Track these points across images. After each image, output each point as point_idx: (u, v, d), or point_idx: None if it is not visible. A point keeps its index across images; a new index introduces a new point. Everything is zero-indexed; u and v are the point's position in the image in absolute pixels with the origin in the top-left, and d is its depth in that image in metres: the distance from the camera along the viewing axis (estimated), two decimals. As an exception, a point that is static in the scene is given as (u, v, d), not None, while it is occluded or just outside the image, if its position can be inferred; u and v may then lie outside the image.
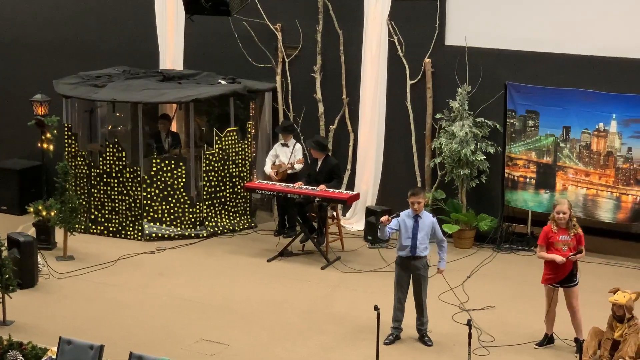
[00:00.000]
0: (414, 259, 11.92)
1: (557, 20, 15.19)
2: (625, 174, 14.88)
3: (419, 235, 11.88)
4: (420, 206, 11.93)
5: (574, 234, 11.57)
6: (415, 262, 11.93)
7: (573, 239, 11.56)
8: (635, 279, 14.36)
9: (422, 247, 11.91)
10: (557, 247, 11.59)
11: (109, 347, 10.12)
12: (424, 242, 11.92)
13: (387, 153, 16.70)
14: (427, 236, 11.96)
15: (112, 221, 16.40)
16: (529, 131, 15.52)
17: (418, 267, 11.95)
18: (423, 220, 11.93)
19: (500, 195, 15.89)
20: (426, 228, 11.92)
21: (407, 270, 12.00)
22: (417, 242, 11.88)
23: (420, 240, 11.89)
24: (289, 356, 11.78)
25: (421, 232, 11.89)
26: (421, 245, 11.91)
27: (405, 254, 11.94)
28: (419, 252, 11.90)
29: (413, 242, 11.88)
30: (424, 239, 11.93)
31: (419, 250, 11.90)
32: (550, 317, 11.93)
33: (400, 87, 16.42)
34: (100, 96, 16.49)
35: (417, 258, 11.93)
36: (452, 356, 11.71)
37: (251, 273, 14.72)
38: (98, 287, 14.06)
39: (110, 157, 16.23)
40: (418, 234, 11.87)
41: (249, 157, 16.94)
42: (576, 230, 11.58)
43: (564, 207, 11.61)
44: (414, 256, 11.92)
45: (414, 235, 11.87)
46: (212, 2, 14.96)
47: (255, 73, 17.41)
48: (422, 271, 12.00)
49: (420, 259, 11.94)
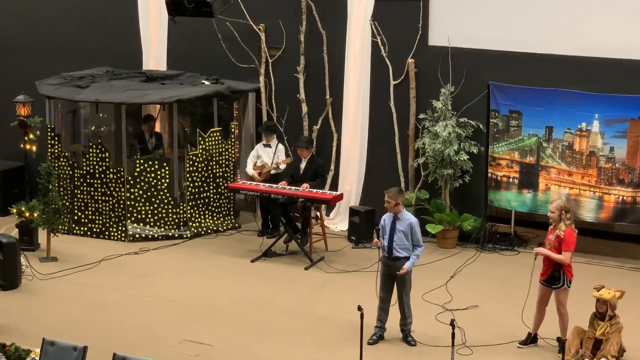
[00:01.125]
0: (394, 260, 11.88)
1: (540, 20, 15.23)
2: (607, 174, 14.94)
3: (395, 237, 11.78)
4: (390, 205, 11.82)
5: (557, 236, 11.60)
6: (395, 262, 11.89)
7: (556, 240, 11.60)
8: (618, 278, 14.41)
9: (399, 248, 11.81)
10: (545, 246, 11.68)
11: (92, 349, 10.09)
12: (401, 243, 11.81)
13: (370, 153, 16.72)
14: (407, 238, 11.83)
15: (96, 222, 16.37)
16: (512, 131, 15.56)
17: (397, 268, 11.89)
18: (401, 222, 11.83)
19: (484, 195, 15.93)
20: (404, 229, 11.80)
21: (389, 269, 11.99)
22: (394, 243, 11.80)
23: (397, 241, 11.79)
24: (273, 356, 11.79)
25: (398, 234, 11.78)
26: (398, 246, 11.80)
27: (385, 254, 11.94)
28: (396, 253, 11.82)
29: (389, 242, 11.81)
30: (402, 240, 11.81)
31: (395, 251, 11.81)
32: (537, 317, 11.95)
33: (384, 88, 16.44)
34: (84, 97, 16.45)
35: (397, 259, 11.86)
36: (435, 356, 11.73)
37: (235, 273, 14.72)
38: (81, 288, 14.03)
39: (94, 158, 16.20)
40: (395, 234, 11.78)
41: (232, 157, 16.93)
42: (559, 232, 11.60)
43: (552, 206, 11.73)
44: (392, 257, 11.89)
45: (391, 235, 11.81)
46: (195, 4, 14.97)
47: (239, 73, 17.41)
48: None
49: (400, 260, 11.85)
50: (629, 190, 14.82)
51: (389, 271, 11.98)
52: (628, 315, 11.99)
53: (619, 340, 11.28)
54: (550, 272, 11.64)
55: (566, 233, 11.55)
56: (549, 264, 11.64)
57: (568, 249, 11.55)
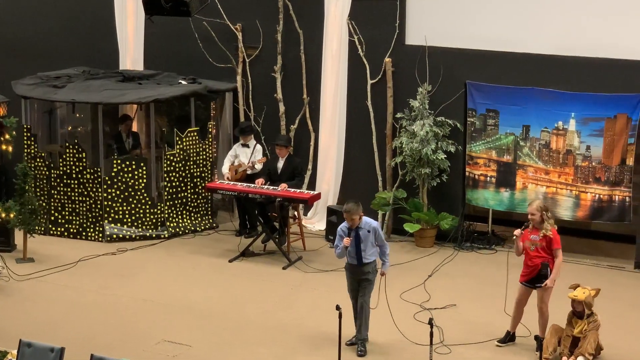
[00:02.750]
0: (364, 265, 11.75)
1: (517, 19, 15.28)
2: (584, 172, 15.00)
3: (362, 245, 11.66)
4: (355, 222, 11.65)
5: (544, 235, 11.63)
6: (362, 267, 11.76)
7: (542, 240, 11.62)
8: (594, 275, 14.49)
9: (367, 255, 11.70)
10: (526, 246, 11.69)
11: (69, 350, 10.05)
12: (368, 250, 11.70)
13: (348, 152, 16.73)
14: (372, 243, 11.72)
15: (73, 222, 16.31)
16: (489, 130, 15.60)
17: (365, 272, 11.76)
18: (363, 231, 11.68)
19: (461, 194, 15.96)
20: (368, 237, 11.68)
21: (355, 275, 11.83)
22: (361, 253, 11.68)
23: (365, 249, 11.68)
24: (251, 356, 11.78)
25: (363, 243, 11.67)
26: (366, 253, 11.69)
27: (352, 261, 11.80)
28: (364, 261, 11.71)
29: (357, 254, 11.68)
30: (368, 247, 11.69)
31: (364, 259, 11.70)
32: (516, 316, 12.00)
33: (361, 87, 16.45)
34: (60, 97, 16.39)
35: (365, 264, 11.75)
36: (413, 354, 11.75)
37: (213, 273, 14.70)
38: (58, 289, 13.98)
39: (70, 158, 16.14)
40: (361, 244, 11.67)
41: (209, 157, 16.91)
42: (545, 232, 11.62)
43: (531, 208, 11.72)
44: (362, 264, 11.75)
45: (357, 246, 11.66)
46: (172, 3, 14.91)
47: (216, 73, 17.38)
48: (370, 275, 11.79)
49: (369, 264, 11.76)
50: (605, 188, 14.88)
51: (357, 276, 11.81)
52: (605, 313, 12.05)
53: (596, 338, 11.34)
54: (538, 271, 11.66)
55: (553, 232, 11.62)
56: (535, 263, 11.65)
57: (559, 246, 11.65)
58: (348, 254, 11.71)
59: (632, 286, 14.22)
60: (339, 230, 11.82)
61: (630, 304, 13.46)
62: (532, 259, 11.68)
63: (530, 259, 11.70)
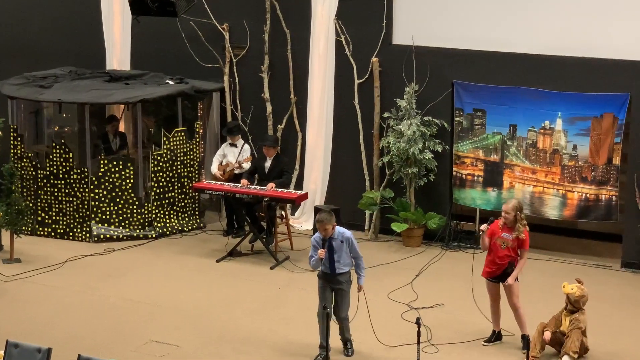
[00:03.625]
0: (337, 275, 11.64)
1: (504, 19, 15.30)
2: (571, 172, 15.04)
3: (335, 256, 11.56)
4: (328, 232, 11.52)
5: (516, 236, 11.64)
6: (337, 277, 11.65)
7: (515, 240, 11.64)
8: (581, 275, 14.44)
9: (340, 265, 11.59)
10: (496, 242, 11.68)
11: (57, 350, 10.03)
12: (343, 260, 11.60)
13: (335, 152, 16.73)
14: (346, 253, 11.60)
15: (60, 223, 16.27)
16: (476, 129, 15.63)
17: (340, 282, 11.65)
18: (337, 241, 11.57)
19: (449, 194, 15.99)
20: (342, 247, 11.58)
21: (329, 283, 11.70)
22: (335, 263, 11.58)
23: (339, 259, 11.58)
24: (239, 356, 11.77)
25: (337, 253, 11.56)
26: (340, 264, 11.59)
27: (325, 270, 11.66)
28: (338, 271, 11.60)
29: (330, 263, 11.58)
30: (342, 257, 11.58)
31: (338, 269, 11.59)
32: (494, 313, 12.02)
33: (348, 86, 16.46)
34: (47, 97, 16.36)
35: (339, 274, 11.63)
36: (401, 354, 11.76)
37: (200, 273, 14.69)
38: (45, 290, 13.95)
39: (57, 159, 16.11)
40: (334, 255, 11.57)
41: (197, 157, 16.90)
42: (519, 234, 11.63)
43: (507, 207, 11.70)
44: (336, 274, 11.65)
45: (330, 257, 11.55)
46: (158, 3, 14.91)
47: (203, 73, 17.37)
48: (344, 286, 11.66)
49: (343, 275, 11.64)
50: (591, 187, 14.92)
51: (332, 285, 11.67)
52: (592, 312, 12.08)
53: (579, 337, 11.34)
54: (504, 269, 11.68)
55: (525, 233, 11.64)
56: (503, 262, 11.66)
57: (527, 248, 11.68)
58: (322, 263, 11.61)
59: (619, 285, 14.26)
60: (313, 240, 11.70)
61: (617, 303, 13.50)
62: (501, 258, 11.67)
63: (499, 258, 11.68)
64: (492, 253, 11.75)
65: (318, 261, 11.53)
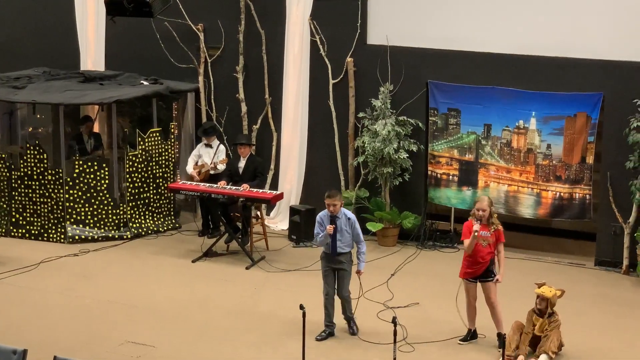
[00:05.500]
0: (338, 255, 12.00)
1: (477, 19, 15.36)
2: (545, 171, 15.12)
3: (338, 235, 11.93)
4: (336, 208, 11.93)
5: (494, 230, 11.71)
6: (338, 257, 12.01)
7: (493, 235, 11.69)
8: (555, 273, 14.60)
9: (342, 245, 11.97)
10: (478, 242, 11.71)
11: (32, 352, 9.98)
12: (344, 240, 11.98)
13: (310, 152, 16.76)
14: (348, 234, 11.99)
15: (34, 224, 16.21)
16: (451, 129, 15.68)
17: (341, 262, 12.02)
18: (341, 220, 11.96)
19: (424, 193, 16.04)
20: (345, 227, 11.95)
21: (331, 263, 12.06)
22: (337, 242, 11.95)
23: (341, 239, 11.95)
24: (216, 356, 11.76)
25: (340, 232, 11.94)
26: (341, 243, 11.97)
27: (326, 249, 12.05)
28: (339, 250, 11.98)
29: (332, 242, 11.94)
30: (344, 237, 11.97)
31: (339, 248, 11.97)
32: (471, 312, 12.07)
33: (323, 87, 16.48)
34: (20, 98, 16.30)
35: (340, 254, 12.00)
36: (377, 353, 11.78)
37: (176, 274, 14.67)
38: (20, 291, 13.89)
39: (32, 160, 16.05)
40: (337, 234, 11.93)
41: (172, 157, 16.88)
42: (496, 227, 11.70)
43: (483, 205, 11.72)
44: (336, 254, 12.00)
45: (333, 236, 11.92)
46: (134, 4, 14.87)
47: (178, 74, 17.36)
48: (345, 265, 12.03)
49: (344, 255, 12.02)
50: (565, 186, 15.01)
51: (332, 266, 12.06)
52: (566, 310, 12.15)
53: (559, 337, 11.42)
54: (486, 268, 11.73)
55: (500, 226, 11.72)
56: (486, 260, 11.71)
57: (503, 240, 11.74)
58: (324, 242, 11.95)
59: (593, 283, 14.34)
60: (318, 217, 12.08)
61: (590, 301, 13.58)
62: (484, 256, 11.70)
63: (482, 256, 11.71)
64: (474, 254, 11.73)
65: (326, 236, 11.87)
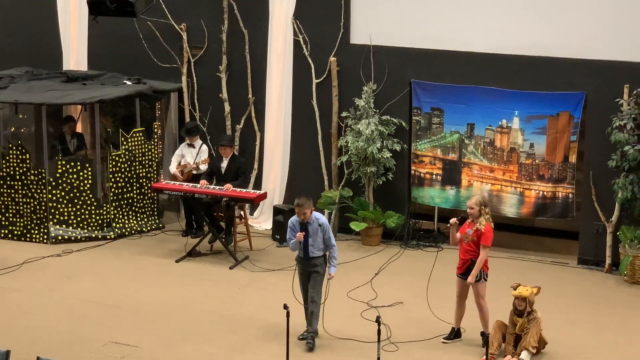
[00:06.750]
0: (312, 259, 11.92)
1: (460, 18, 15.38)
2: (528, 170, 15.16)
3: (310, 240, 11.85)
4: (306, 216, 11.83)
5: (476, 229, 11.74)
6: (312, 261, 11.93)
7: (475, 234, 11.73)
8: (538, 272, 14.64)
9: (314, 249, 11.88)
10: (461, 239, 11.78)
11: (15, 353, 9.98)
12: (317, 244, 11.88)
13: (293, 152, 16.75)
14: (320, 238, 11.88)
15: (17, 224, 16.16)
16: (434, 128, 15.71)
17: (315, 265, 11.94)
18: (312, 226, 11.85)
19: (407, 192, 16.06)
20: (317, 232, 11.85)
21: (305, 267, 12.02)
22: (309, 247, 11.86)
23: (312, 243, 11.86)
24: (200, 356, 11.76)
25: (311, 237, 11.85)
26: (313, 248, 11.87)
27: (300, 254, 11.99)
28: (311, 254, 11.89)
29: (304, 247, 11.86)
30: (316, 242, 11.86)
31: (311, 252, 11.88)
32: (458, 310, 12.09)
33: (306, 86, 16.48)
34: (3, 98, 16.25)
35: (313, 258, 11.92)
36: (361, 352, 11.80)
37: (160, 274, 14.65)
38: (3, 292, 13.85)
39: (14, 160, 15.99)
40: (309, 239, 11.85)
41: (155, 157, 16.85)
42: (479, 226, 11.73)
43: (471, 202, 11.81)
44: (309, 258, 11.92)
45: (305, 241, 11.83)
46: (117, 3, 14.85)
47: (161, 73, 17.33)
48: (318, 269, 11.95)
49: (317, 258, 11.93)
50: (548, 185, 15.05)
51: (307, 269, 12.01)
52: (550, 308, 12.21)
53: (538, 332, 11.46)
54: (467, 265, 11.77)
55: (486, 228, 11.70)
56: (466, 258, 11.76)
57: (486, 244, 11.70)
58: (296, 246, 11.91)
59: (576, 281, 14.39)
60: (290, 223, 12.02)
61: (573, 299, 13.62)
62: (464, 253, 11.80)
63: (463, 253, 11.82)
64: (460, 249, 11.87)
65: (297, 243, 11.83)
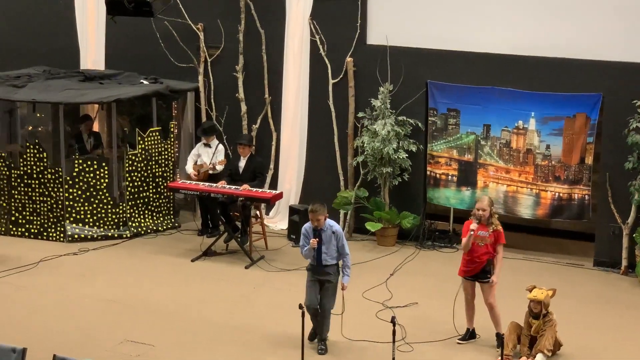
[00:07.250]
0: (323, 267, 11.77)
1: (476, 19, 15.35)
2: (544, 171, 15.13)
3: (323, 248, 11.68)
4: (320, 222, 11.64)
5: (493, 230, 11.70)
6: (324, 268, 11.76)
7: (491, 235, 11.68)
8: (553, 274, 14.61)
9: (327, 257, 11.71)
10: (475, 242, 11.72)
11: (32, 351, 10.01)
12: (330, 252, 11.72)
13: (309, 152, 16.76)
14: (334, 246, 11.72)
15: (34, 223, 16.22)
16: (450, 129, 15.69)
17: (328, 273, 11.77)
18: (326, 233, 11.69)
19: (423, 193, 16.04)
20: (330, 240, 11.70)
21: (317, 275, 11.82)
22: (322, 255, 11.70)
23: (326, 251, 11.70)
24: (214, 356, 11.78)
25: (325, 245, 11.69)
26: (327, 255, 11.71)
27: (312, 262, 11.82)
28: (324, 262, 11.73)
29: (317, 254, 11.70)
30: (330, 249, 11.71)
31: (324, 260, 11.72)
32: (469, 311, 12.07)
33: (323, 86, 16.49)
34: (20, 96, 16.31)
35: (326, 266, 11.75)
36: (376, 353, 11.79)
37: (175, 273, 14.68)
38: (19, 290, 13.90)
39: (31, 158, 16.06)
40: (322, 247, 11.69)
41: (171, 157, 16.89)
42: (495, 227, 11.71)
43: (483, 204, 11.74)
44: (322, 265, 11.76)
45: (318, 248, 11.67)
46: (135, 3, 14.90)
47: (178, 73, 17.37)
48: (331, 277, 11.78)
49: (330, 267, 11.75)
50: (564, 186, 15.02)
51: (318, 277, 11.82)
52: (565, 310, 12.17)
53: (553, 335, 11.44)
54: (481, 268, 11.74)
55: (500, 227, 11.71)
56: (482, 260, 11.71)
57: (504, 242, 11.73)
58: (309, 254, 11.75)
59: (591, 283, 14.35)
60: (303, 229, 11.85)
61: (589, 301, 13.59)
62: (480, 256, 11.70)
63: (478, 256, 11.71)
64: (470, 253, 11.76)
65: (310, 250, 11.65)
